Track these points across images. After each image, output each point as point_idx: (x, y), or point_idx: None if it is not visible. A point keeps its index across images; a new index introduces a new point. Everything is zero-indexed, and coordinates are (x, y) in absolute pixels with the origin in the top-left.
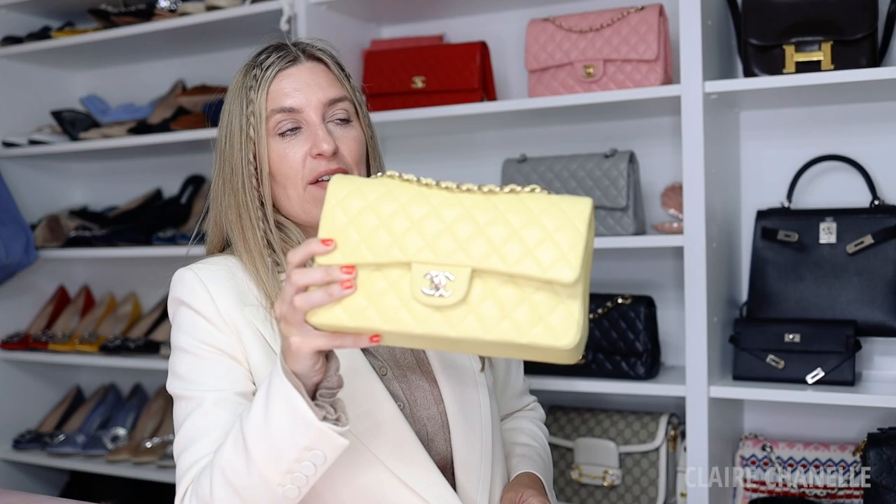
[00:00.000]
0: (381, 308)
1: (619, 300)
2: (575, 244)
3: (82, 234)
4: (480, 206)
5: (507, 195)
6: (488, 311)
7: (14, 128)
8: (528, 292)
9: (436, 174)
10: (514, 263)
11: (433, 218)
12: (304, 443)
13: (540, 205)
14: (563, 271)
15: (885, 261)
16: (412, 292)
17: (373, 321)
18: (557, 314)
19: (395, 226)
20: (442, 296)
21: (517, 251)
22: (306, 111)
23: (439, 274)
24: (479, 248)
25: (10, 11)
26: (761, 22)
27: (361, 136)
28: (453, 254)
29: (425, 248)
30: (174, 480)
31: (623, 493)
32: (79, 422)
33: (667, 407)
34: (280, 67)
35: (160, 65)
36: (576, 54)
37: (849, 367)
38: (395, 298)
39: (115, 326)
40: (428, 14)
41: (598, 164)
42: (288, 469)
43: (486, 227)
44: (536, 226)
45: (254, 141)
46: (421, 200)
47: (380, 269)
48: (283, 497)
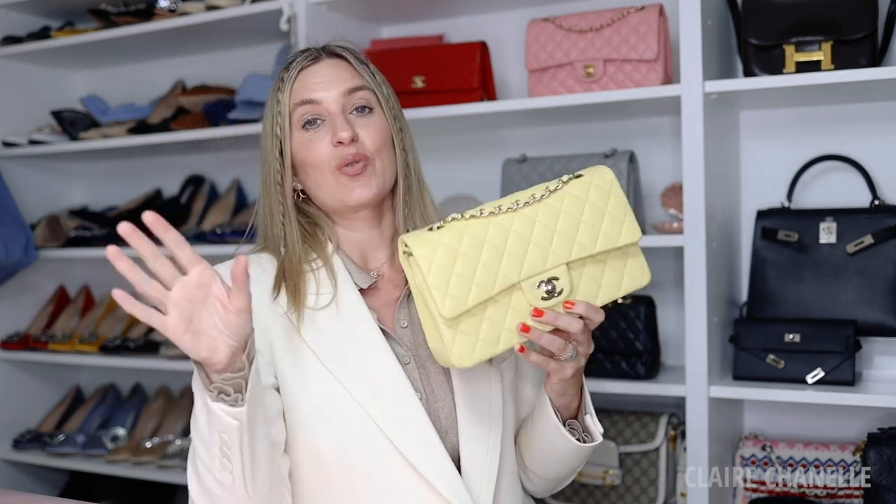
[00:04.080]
0: (510, 327)
1: (619, 300)
2: (625, 209)
3: (82, 233)
4: (542, 212)
5: (554, 194)
6: (586, 288)
7: (14, 128)
8: (604, 260)
9: (436, 174)
10: (593, 245)
11: (514, 239)
12: (215, 427)
13: (581, 189)
14: (630, 234)
15: (885, 261)
16: (532, 302)
17: (511, 339)
18: (630, 265)
19: (489, 259)
20: (560, 294)
21: (589, 234)
22: (326, 102)
23: (546, 279)
24: (561, 246)
25: (10, 11)
26: (761, 22)
27: (384, 125)
28: (546, 259)
29: (524, 265)
30: (174, 480)
31: (623, 493)
32: (78, 422)
33: (667, 407)
34: (302, 66)
35: (160, 65)
36: (576, 54)
37: (849, 367)
38: (516, 314)
39: (115, 326)
40: (428, 14)
41: (598, 164)
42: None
43: (556, 226)
44: (590, 208)
45: (280, 138)
46: (496, 229)
47: (492, 300)
48: (220, 485)
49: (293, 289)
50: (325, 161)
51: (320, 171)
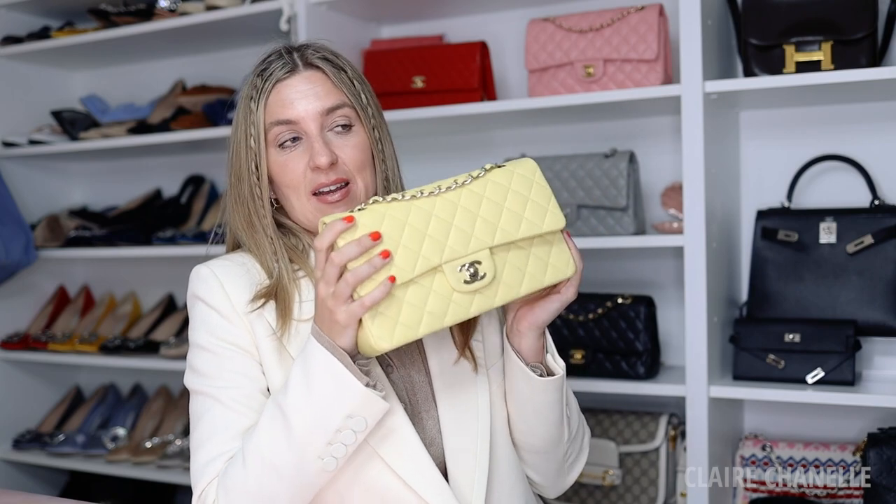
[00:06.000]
0: (432, 311)
1: (619, 300)
2: (548, 197)
3: (82, 233)
4: (464, 197)
5: (476, 181)
6: (510, 276)
7: (14, 128)
8: (528, 248)
9: (436, 174)
10: (516, 231)
11: (435, 222)
12: (347, 410)
13: (504, 177)
14: (553, 222)
15: (885, 261)
16: (454, 286)
17: (433, 324)
18: (554, 255)
19: (410, 242)
20: (482, 278)
21: (512, 220)
22: (304, 122)
23: (468, 263)
24: (484, 231)
25: (10, 11)
26: (761, 22)
27: (364, 142)
28: (468, 243)
29: (445, 248)
30: (174, 480)
31: (623, 493)
32: (78, 422)
33: (667, 407)
34: (278, 78)
35: (160, 65)
36: (576, 54)
37: (849, 367)
38: (438, 298)
39: (115, 326)
40: (428, 14)
41: (598, 163)
42: (329, 440)
43: (479, 212)
44: (512, 195)
45: (255, 152)
46: (418, 213)
47: (412, 282)
48: (322, 470)
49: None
50: (301, 184)
51: (296, 193)
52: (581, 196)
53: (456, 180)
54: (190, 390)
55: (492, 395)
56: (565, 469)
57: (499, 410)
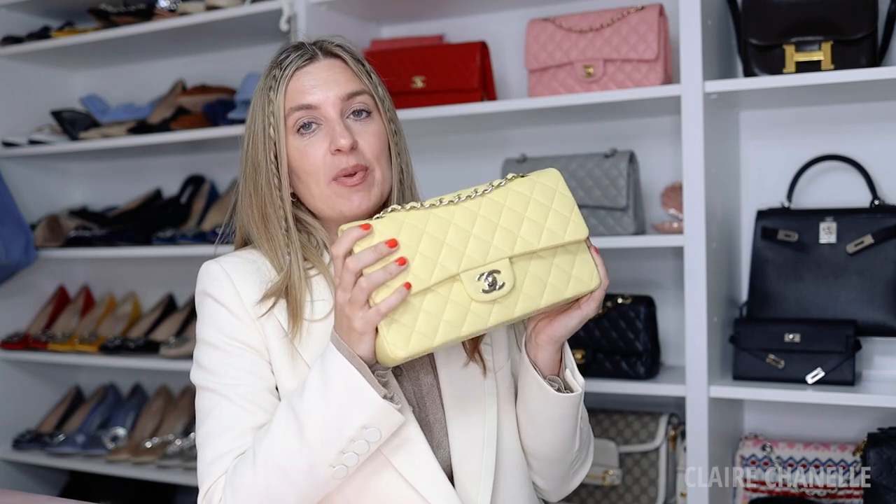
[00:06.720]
0: (449, 320)
1: (619, 300)
2: (571, 207)
3: (82, 233)
4: (484, 206)
5: (497, 190)
6: (530, 287)
7: (14, 128)
8: (550, 259)
9: (436, 174)
10: (537, 241)
11: (454, 231)
12: (363, 421)
13: (526, 187)
14: (576, 231)
15: (885, 261)
16: (472, 295)
17: (450, 333)
18: (578, 266)
19: (427, 250)
20: (501, 287)
21: (533, 230)
22: (324, 107)
23: (487, 273)
24: (503, 240)
25: (10, 11)
26: (761, 22)
27: (382, 130)
28: (487, 252)
29: (463, 257)
30: (174, 480)
31: (623, 493)
32: (78, 422)
33: (667, 407)
34: (298, 66)
35: (160, 65)
36: (576, 54)
37: (849, 367)
38: (455, 307)
39: (115, 326)
40: (428, 14)
41: (598, 163)
42: (342, 449)
43: (499, 221)
44: (534, 204)
45: (274, 140)
46: (436, 221)
47: (430, 291)
48: (332, 478)
49: (294, 304)
50: (321, 169)
51: (315, 179)
52: (581, 196)
53: (476, 189)
54: (196, 386)
55: (500, 399)
56: (570, 475)
57: (506, 414)
